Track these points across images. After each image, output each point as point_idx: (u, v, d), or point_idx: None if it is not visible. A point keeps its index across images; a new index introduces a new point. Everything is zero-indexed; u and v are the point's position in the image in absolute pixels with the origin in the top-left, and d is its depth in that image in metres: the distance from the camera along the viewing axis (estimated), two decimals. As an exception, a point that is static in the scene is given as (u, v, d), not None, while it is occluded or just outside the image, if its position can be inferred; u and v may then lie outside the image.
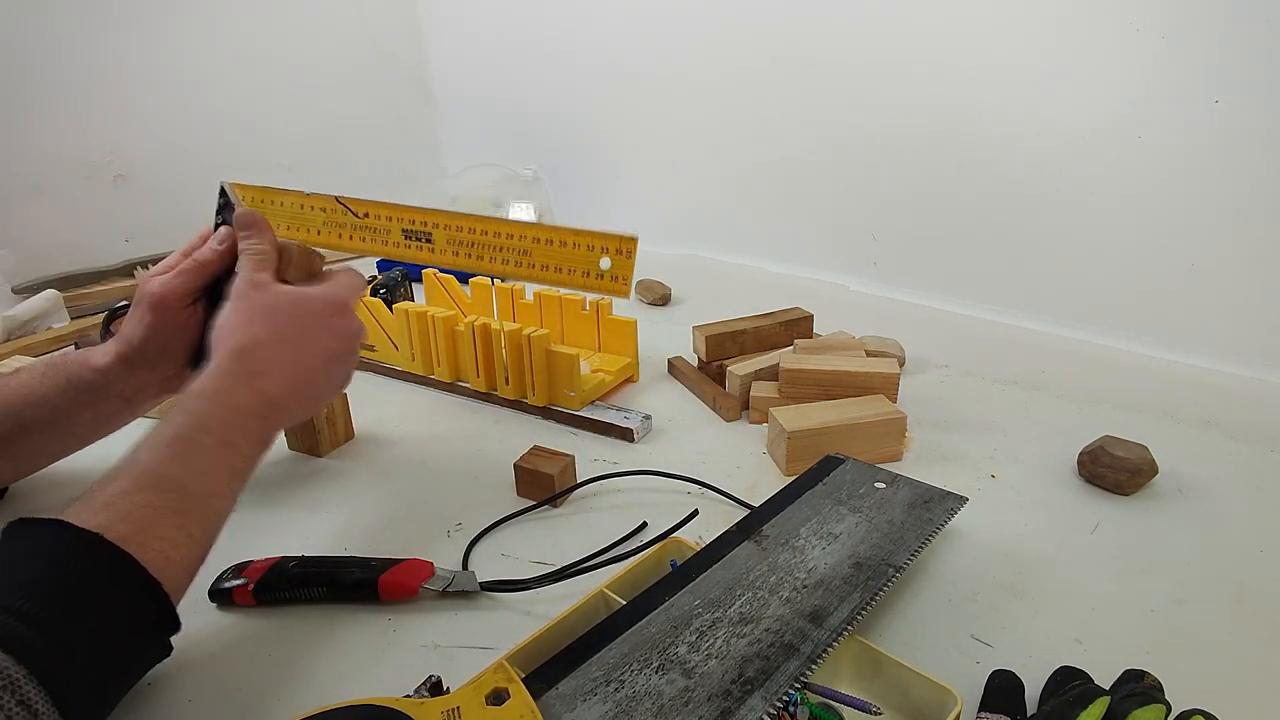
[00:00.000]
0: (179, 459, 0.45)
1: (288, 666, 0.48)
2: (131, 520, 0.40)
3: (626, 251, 0.52)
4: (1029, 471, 0.67)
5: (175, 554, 0.41)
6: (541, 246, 0.55)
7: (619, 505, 0.64)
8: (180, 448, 0.45)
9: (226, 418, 0.48)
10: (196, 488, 0.44)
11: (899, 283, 1.11)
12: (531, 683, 0.39)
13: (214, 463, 0.46)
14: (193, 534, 0.43)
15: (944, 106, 0.98)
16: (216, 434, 0.47)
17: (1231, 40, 0.78)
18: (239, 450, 0.48)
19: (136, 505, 0.41)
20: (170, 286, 0.58)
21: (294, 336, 0.53)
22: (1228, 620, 0.51)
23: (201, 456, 0.46)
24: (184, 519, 0.43)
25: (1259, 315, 0.84)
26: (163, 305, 0.58)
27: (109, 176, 1.18)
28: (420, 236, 0.60)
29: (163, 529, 0.41)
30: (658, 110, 1.29)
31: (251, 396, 0.50)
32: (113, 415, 0.63)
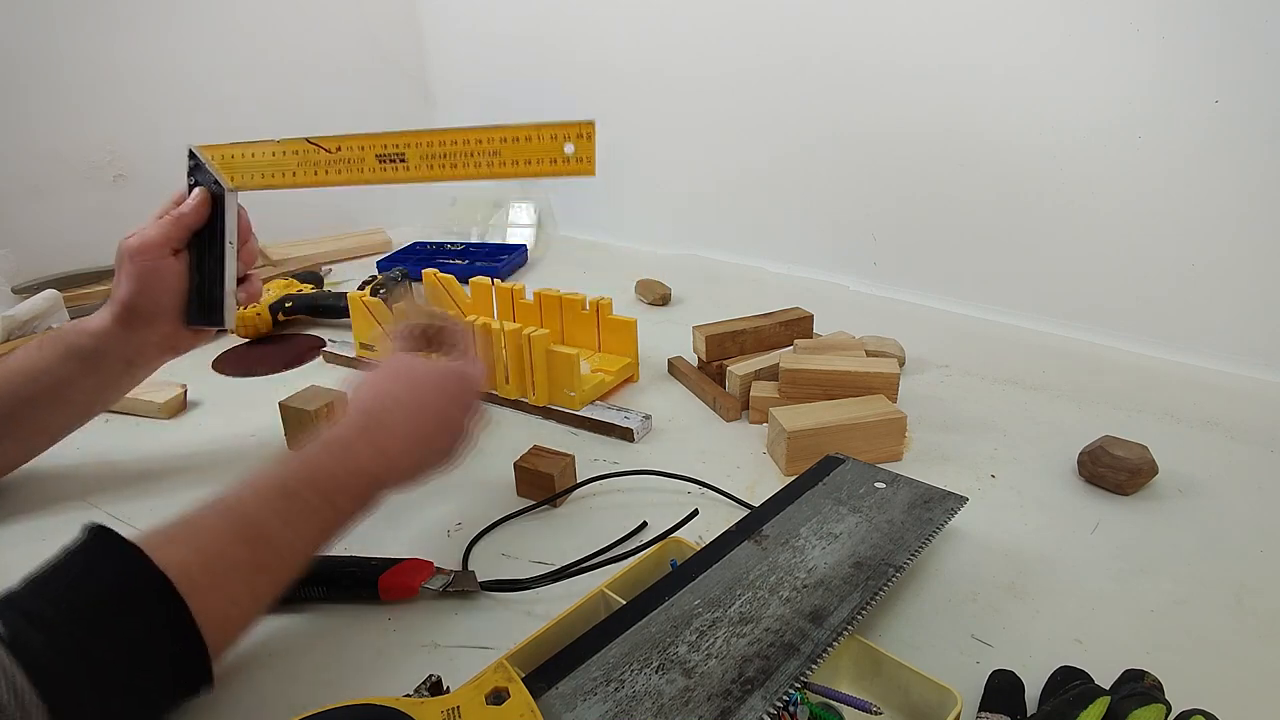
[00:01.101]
0: (280, 515, 0.44)
1: (288, 666, 0.48)
2: (210, 570, 0.40)
3: (586, 134, 0.56)
4: (1029, 471, 0.67)
5: (235, 612, 0.41)
6: (510, 145, 0.58)
7: (619, 505, 0.64)
8: (284, 504, 0.44)
9: (339, 475, 0.47)
10: (284, 547, 0.44)
11: (899, 283, 1.11)
12: (531, 682, 0.39)
13: (311, 523, 0.45)
14: (260, 594, 0.43)
15: (944, 106, 0.98)
16: (324, 491, 0.46)
17: (1231, 40, 0.78)
18: (341, 509, 0.47)
19: (221, 553, 0.41)
20: (147, 236, 0.60)
21: (418, 396, 0.54)
22: (1228, 620, 0.51)
23: (303, 516, 0.45)
24: (260, 576, 0.42)
25: (1259, 315, 0.84)
26: (141, 252, 0.59)
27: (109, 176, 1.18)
28: (394, 158, 0.61)
29: (235, 588, 0.41)
30: (658, 110, 1.29)
31: (371, 455, 0.49)
32: (114, 380, 0.63)
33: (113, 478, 0.69)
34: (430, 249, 1.34)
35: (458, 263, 1.27)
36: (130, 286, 0.59)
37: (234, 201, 0.64)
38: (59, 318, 1.02)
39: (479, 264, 1.26)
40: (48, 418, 0.62)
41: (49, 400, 0.61)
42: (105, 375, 0.62)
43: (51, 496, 0.66)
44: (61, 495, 0.66)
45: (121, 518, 0.63)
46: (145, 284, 0.60)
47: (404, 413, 0.52)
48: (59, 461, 0.70)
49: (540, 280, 1.21)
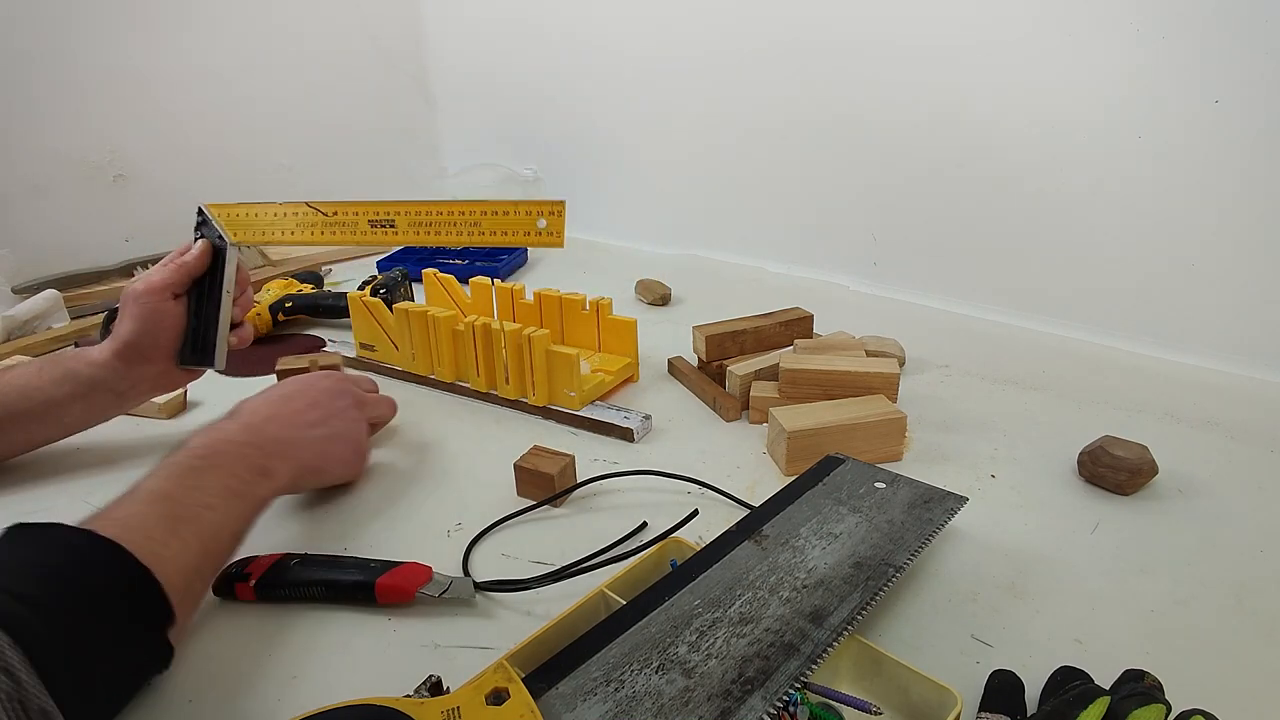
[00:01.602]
0: (172, 479, 0.49)
1: (288, 666, 0.48)
2: (125, 525, 0.43)
3: (556, 212, 0.63)
4: (1029, 471, 0.67)
5: (166, 553, 0.43)
6: (489, 218, 0.65)
7: (619, 505, 0.64)
8: (174, 470, 0.49)
9: (219, 447, 0.53)
10: (188, 500, 0.48)
11: (899, 283, 1.11)
12: (531, 683, 0.39)
13: (207, 481, 0.50)
14: (185, 539, 0.45)
15: (944, 107, 0.98)
16: (209, 459, 0.52)
17: (1231, 40, 0.78)
18: (233, 473, 0.52)
19: (130, 514, 0.44)
20: (151, 280, 0.66)
21: (282, 393, 0.63)
22: (1228, 620, 0.51)
23: (194, 476, 0.50)
24: (176, 524, 0.45)
25: (1260, 315, 0.84)
26: (145, 294, 0.65)
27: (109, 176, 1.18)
28: (385, 224, 0.68)
29: (152, 530, 0.44)
30: (658, 110, 1.29)
31: (241, 430, 0.56)
32: (102, 408, 0.68)
33: (113, 477, 0.69)
34: (430, 249, 1.34)
35: (458, 263, 1.27)
36: (132, 325, 0.65)
37: (234, 255, 0.69)
38: (59, 318, 1.02)
39: (479, 264, 1.26)
40: (31, 432, 0.67)
41: (36, 417, 0.65)
42: (95, 403, 0.67)
43: (51, 496, 0.66)
44: (61, 495, 0.66)
45: (121, 518, 0.63)
46: (146, 324, 0.65)
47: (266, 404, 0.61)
48: (59, 461, 0.71)
49: (540, 280, 1.21)
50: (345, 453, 0.64)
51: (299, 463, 0.58)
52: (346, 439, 0.64)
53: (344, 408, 0.65)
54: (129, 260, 1.15)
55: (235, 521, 0.50)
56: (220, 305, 0.68)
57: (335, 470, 0.63)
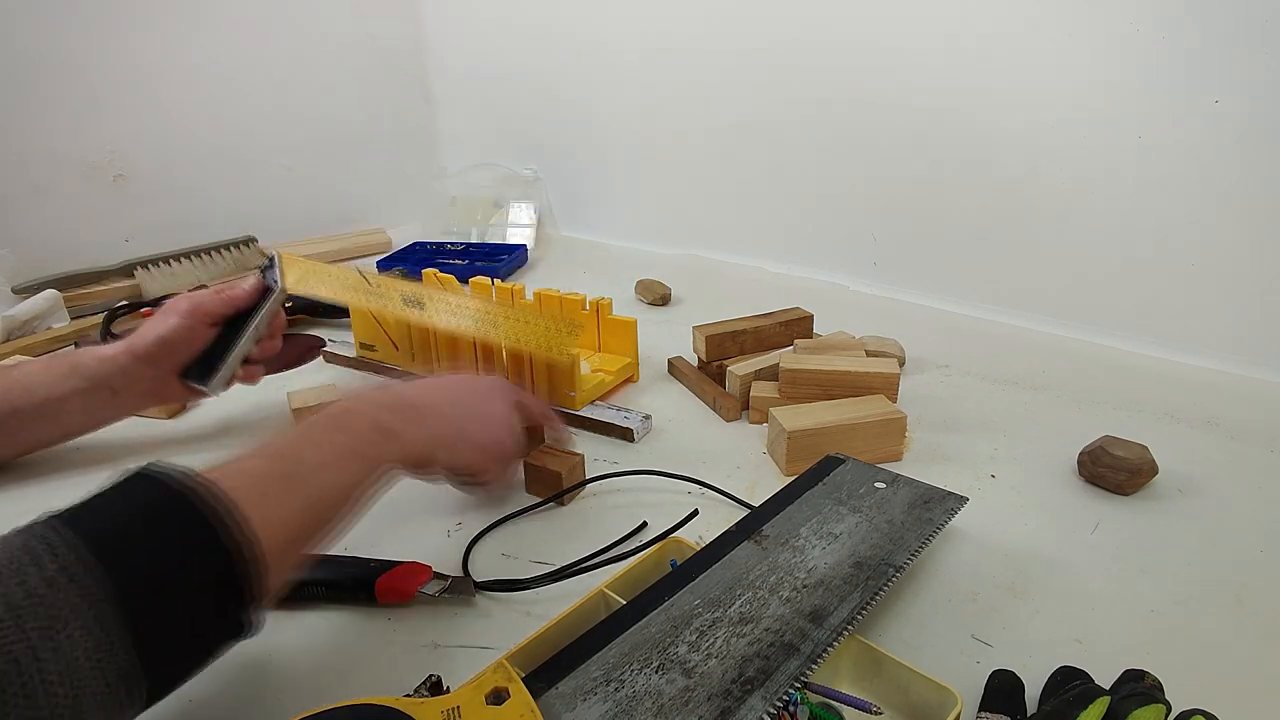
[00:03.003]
0: (296, 438, 0.46)
1: (288, 665, 0.48)
2: (232, 477, 0.40)
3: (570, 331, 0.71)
4: (1029, 471, 0.67)
5: (265, 513, 0.40)
6: (507, 321, 0.72)
7: (619, 505, 0.64)
8: (304, 428, 0.48)
9: (352, 405, 0.51)
10: (305, 456, 0.45)
11: (899, 283, 1.11)
12: (531, 682, 0.39)
13: (330, 438, 0.47)
14: (291, 500, 0.43)
15: (944, 107, 0.98)
16: (339, 419, 0.49)
17: (1231, 40, 0.78)
18: (358, 432, 0.49)
19: (242, 467, 0.42)
20: (202, 300, 0.69)
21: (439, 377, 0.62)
22: (1228, 620, 0.51)
23: (319, 432, 0.47)
24: (289, 483, 0.43)
25: (1259, 315, 0.84)
26: (191, 312, 0.68)
27: (109, 176, 1.18)
28: (414, 302, 0.75)
29: (260, 487, 0.41)
30: (658, 110, 1.29)
31: (378, 395, 0.54)
32: (99, 405, 0.68)
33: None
34: (430, 249, 1.34)
35: (458, 263, 1.27)
36: (160, 333, 0.67)
37: (279, 300, 0.74)
38: (59, 318, 1.02)
39: (479, 264, 1.26)
40: (31, 430, 0.67)
41: (36, 414, 0.65)
42: (93, 401, 0.67)
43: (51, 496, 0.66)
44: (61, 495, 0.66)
45: (121, 518, 0.63)
46: (175, 336, 0.67)
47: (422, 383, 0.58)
48: (58, 461, 0.70)
49: (540, 280, 1.21)
50: (482, 436, 0.58)
51: (430, 432, 0.53)
52: (488, 423, 0.59)
53: (496, 400, 0.60)
54: (129, 260, 1.15)
55: (353, 484, 0.47)
56: (243, 338, 0.71)
57: (467, 451, 0.56)
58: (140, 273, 1.14)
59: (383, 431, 0.50)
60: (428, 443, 0.53)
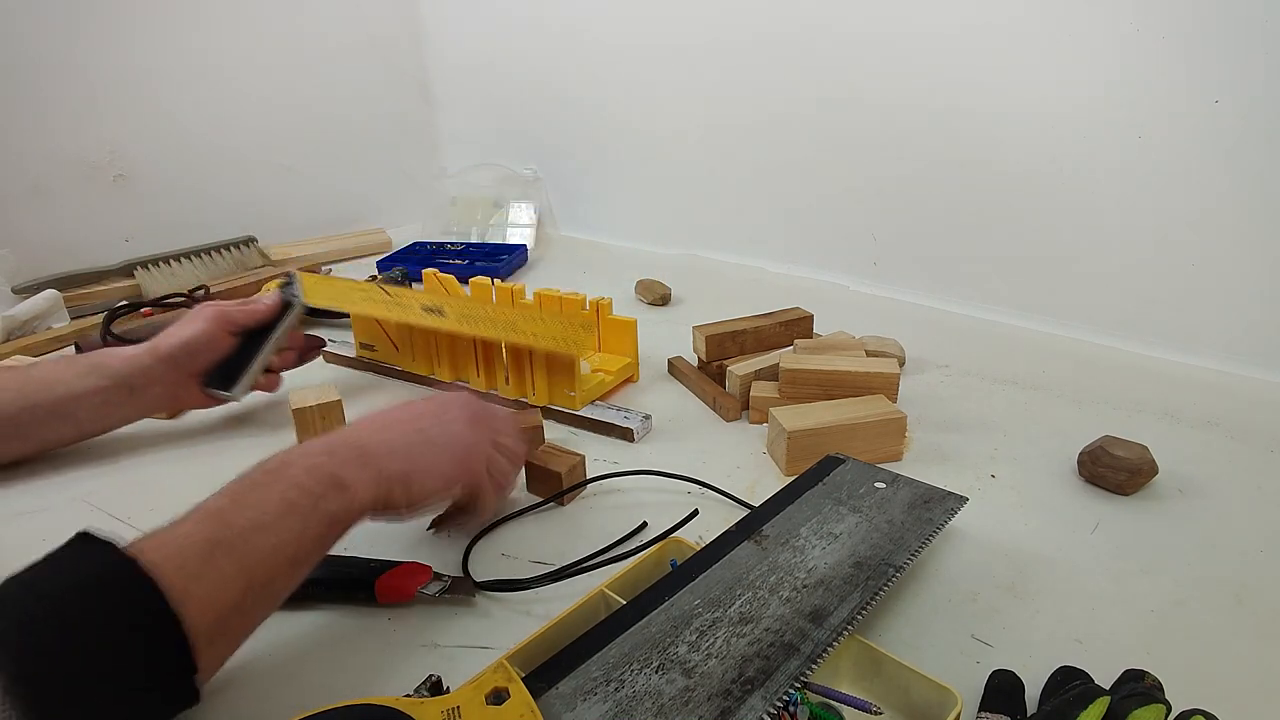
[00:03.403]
0: (230, 495, 0.44)
1: (288, 665, 0.48)
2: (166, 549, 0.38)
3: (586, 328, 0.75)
4: (1029, 471, 0.67)
5: (198, 588, 0.38)
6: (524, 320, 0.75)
7: (619, 505, 0.64)
8: (238, 485, 0.44)
9: (289, 458, 0.47)
10: (238, 520, 0.42)
11: (899, 283, 1.11)
12: (531, 682, 0.39)
13: (266, 496, 0.44)
14: (225, 569, 0.40)
15: (945, 107, 0.98)
16: (276, 472, 0.45)
17: (1231, 40, 0.78)
18: (298, 484, 0.45)
19: (175, 536, 0.40)
20: (228, 310, 0.72)
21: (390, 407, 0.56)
22: (1228, 620, 0.51)
23: (254, 491, 0.44)
24: (216, 550, 0.40)
25: (1259, 315, 0.84)
26: (217, 319, 0.71)
27: (109, 176, 1.18)
28: (435, 310, 0.78)
29: (189, 558, 0.39)
30: (658, 110, 1.29)
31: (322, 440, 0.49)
32: (117, 404, 0.69)
33: (113, 477, 0.69)
34: (430, 249, 1.34)
35: (458, 263, 1.27)
36: (185, 337, 0.70)
37: (299, 314, 0.78)
38: (59, 318, 1.02)
39: (479, 264, 1.26)
40: (49, 428, 0.68)
41: (55, 411, 0.67)
42: (112, 397, 0.68)
43: (51, 496, 0.66)
44: (61, 495, 0.66)
45: (121, 517, 0.63)
46: (198, 341, 0.70)
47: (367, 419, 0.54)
48: (59, 461, 0.70)
49: (540, 280, 1.21)
50: (441, 464, 0.53)
51: (379, 471, 0.49)
52: (447, 448, 0.54)
53: (453, 421, 0.56)
54: (129, 260, 1.15)
55: (293, 542, 0.43)
56: (265, 349, 0.74)
57: (428, 483, 0.52)
58: (140, 273, 1.14)
59: (325, 481, 0.46)
60: (379, 483, 0.49)
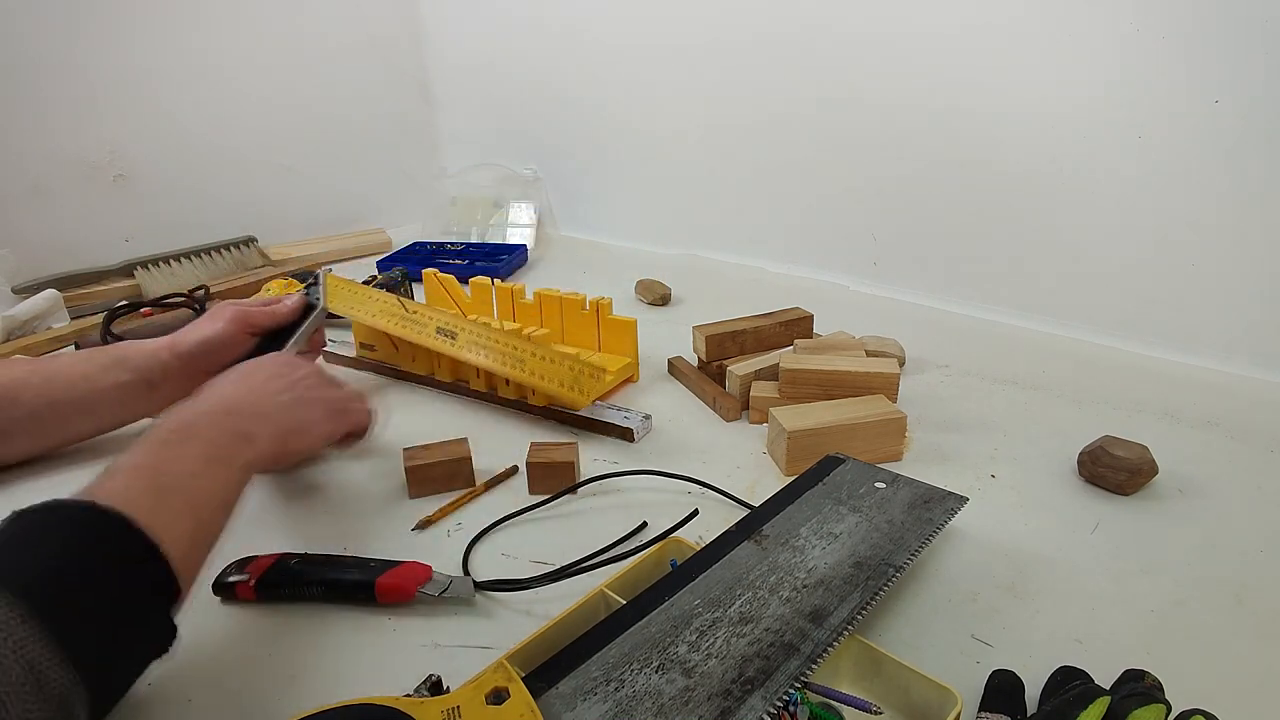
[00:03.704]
0: (151, 453, 0.47)
1: (288, 665, 0.48)
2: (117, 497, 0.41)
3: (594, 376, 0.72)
4: (1029, 471, 0.67)
5: (158, 522, 0.41)
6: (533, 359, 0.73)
7: (619, 505, 0.64)
8: (151, 445, 0.47)
9: (192, 419, 0.52)
10: (172, 469, 0.46)
11: (899, 283, 1.11)
12: (531, 682, 0.39)
13: (187, 451, 0.48)
14: (176, 508, 0.43)
15: (945, 107, 0.98)
16: (185, 431, 0.50)
17: (1231, 40, 0.78)
18: (213, 441, 0.50)
19: (116, 488, 0.42)
20: (250, 311, 0.73)
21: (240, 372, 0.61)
22: (1228, 620, 0.51)
23: (173, 448, 0.48)
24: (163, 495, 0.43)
25: (1259, 315, 0.84)
26: (238, 319, 0.72)
27: (109, 176, 1.18)
28: (448, 333, 0.78)
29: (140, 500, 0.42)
30: (658, 110, 1.29)
31: (212, 403, 0.55)
32: (135, 399, 0.69)
33: (113, 478, 0.69)
34: (430, 249, 1.34)
35: (458, 263, 1.27)
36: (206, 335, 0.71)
37: (320, 318, 0.79)
38: (59, 318, 1.02)
39: (479, 264, 1.26)
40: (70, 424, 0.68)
41: (77, 407, 0.67)
42: (132, 392, 0.68)
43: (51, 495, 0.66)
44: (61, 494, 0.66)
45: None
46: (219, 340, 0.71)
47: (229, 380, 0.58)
48: (59, 460, 0.70)
49: (540, 280, 1.21)
50: (319, 414, 0.61)
51: (278, 425, 0.56)
52: (317, 401, 0.61)
53: (304, 375, 0.62)
54: (129, 260, 1.15)
55: (223, 489, 0.49)
56: (285, 350, 0.74)
57: (316, 431, 0.60)
58: (140, 273, 1.14)
59: (238, 436, 0.52)
60: (279, 436, 0.56)
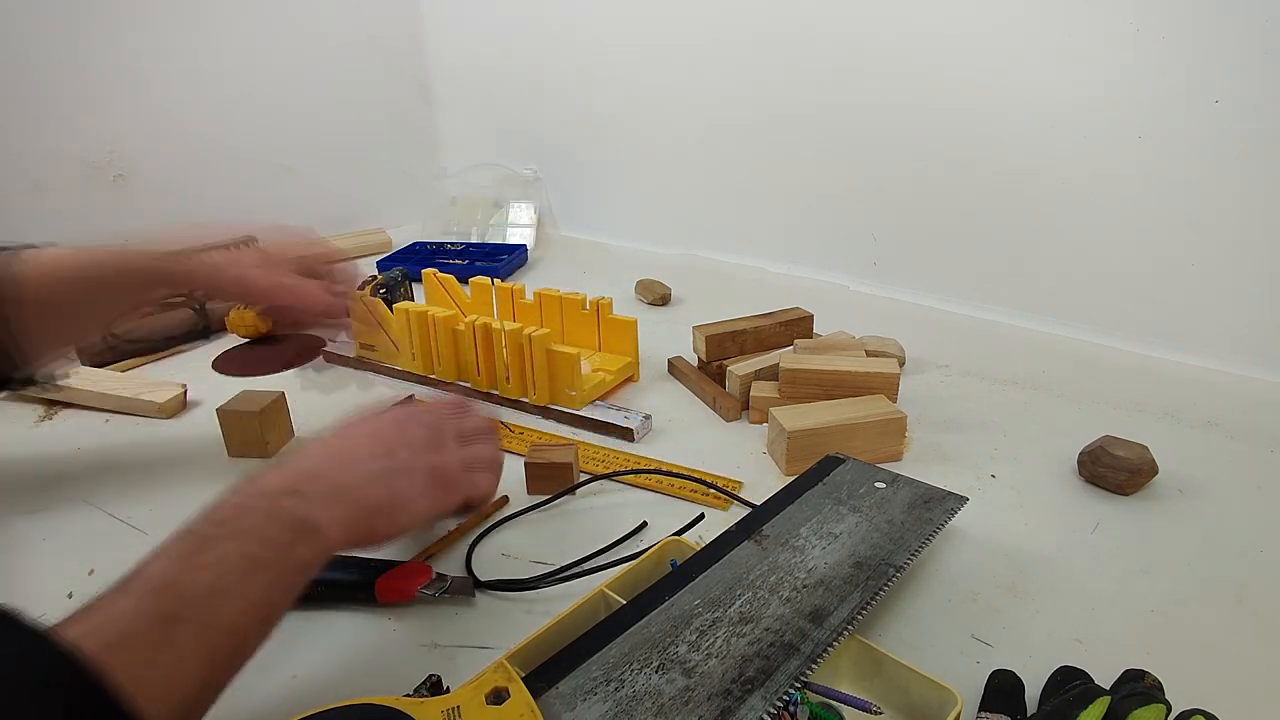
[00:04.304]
0: (181, 557, 0.37)
1: (288, 666, 0.48)
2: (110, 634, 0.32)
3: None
4: (1029, 471, 0.67)
5: (154, 674, 0.33)
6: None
7: (619, 505, 0.64)
8: (186, 545, 0.38)
9: (244, 503, 0.41)
10: (193, 587, 0.36)
11: (899, 283, 1.11)
12: (531, 682, 0.39)
13: (222, 554, 0.38)
14: (183, 649, 0.34)
15: (944, 107, 0.98)
16: (229, 524, 0.39)
17: (1231, 40, 0.78)
18: (261, 536, 0.39)
19: (119, 615, 0.34)
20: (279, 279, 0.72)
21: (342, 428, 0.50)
22: (1228, 620, 0.51)
23: (207, 550, 0.38)
24: (172, 627, 0.34)
25: (1259, 315, 0.84)
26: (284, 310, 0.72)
27: (109, 176, 1.18)
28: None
29: (140, 642, 0.33)
30: (658, 110, 1.29)
31: (279, 477, 0.43)
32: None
33: (113, 477, 0.69)
34: (430, 249, 1.34)
35: (458, 263, 1.27)
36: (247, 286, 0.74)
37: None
38: (59, 317, 1.02)
39: (479, 264, 1.26)
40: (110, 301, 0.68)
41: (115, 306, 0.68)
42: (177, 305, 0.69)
43: (52, 495, 0.66)
44: (61, 494, 0.66)
45: (121, 517, 0.63)
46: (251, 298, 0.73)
47: (318, 446, 0.48)
48: (59, 460, 0.71)
49: (540, 280, 1.21)
50: (419, 487, 0.49)
51: (358, 505, 0.44)
52: (419, 471, 0.49)
53: (416, 434, 0.51)
54: (129, 260, 1.15)
55: (261, 603, 0.38)
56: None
57: (411, 510, 0.48)
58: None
59: (295, 527, 0.40)
60: (354, 522, 0.44)
